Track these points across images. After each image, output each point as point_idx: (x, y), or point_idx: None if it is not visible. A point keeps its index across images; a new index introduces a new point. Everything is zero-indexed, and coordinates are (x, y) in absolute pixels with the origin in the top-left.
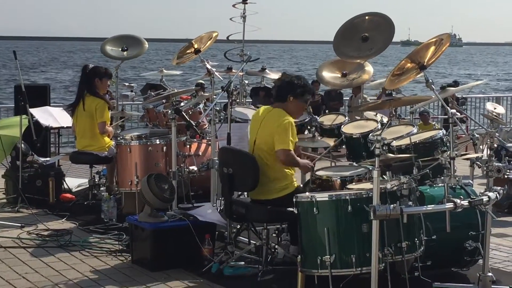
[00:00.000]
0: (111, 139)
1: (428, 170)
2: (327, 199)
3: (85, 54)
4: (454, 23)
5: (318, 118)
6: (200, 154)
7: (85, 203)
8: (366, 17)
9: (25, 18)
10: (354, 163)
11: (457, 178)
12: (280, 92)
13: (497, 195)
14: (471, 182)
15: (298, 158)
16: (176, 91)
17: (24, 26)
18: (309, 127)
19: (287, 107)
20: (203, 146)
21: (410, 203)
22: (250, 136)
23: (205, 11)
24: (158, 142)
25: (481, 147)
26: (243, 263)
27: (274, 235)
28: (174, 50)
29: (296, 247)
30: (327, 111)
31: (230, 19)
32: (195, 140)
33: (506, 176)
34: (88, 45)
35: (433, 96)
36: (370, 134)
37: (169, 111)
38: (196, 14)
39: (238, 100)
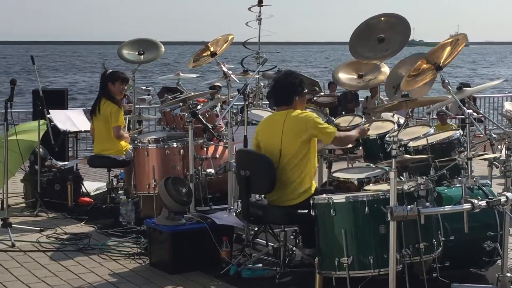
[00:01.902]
0: (129, 143)
1: (445, 171)
2: (344, 200)
3: (98, 58)
4: (460, 22)
5: (334, 119)
6: (217, 156)
7: (103, 206)
8: (382, 18)
9: (31, 22)
10: (371, 164)
11: (474, 179)
12: (285, 96)
13: None
14: (489, 182)
15: (345, 133)
16: (192, 94)
17: (29, 31)
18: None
19: (296, 106)
20: (220, 148)
21: (428, 204)
22: (269, 143)
23: (221, 14)
24: (175, 145)
25: (499, 147)
26: (261, 265)
27: (292, 237)
28: (191, 53)
29: (311, 249)
30: (343, 112)
31: (246, 23)
32: (212, 143)
33: None
34: (103, 49)
35: (450, 97)
36: (387, 135)
37: (186, 114)
38: (211, 17)
39: (254, 103)
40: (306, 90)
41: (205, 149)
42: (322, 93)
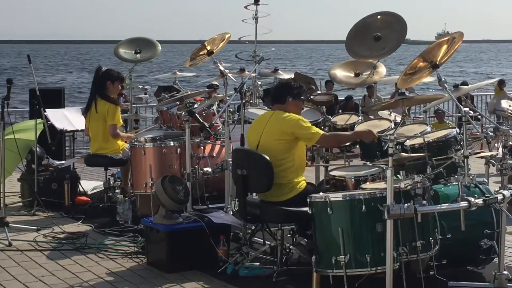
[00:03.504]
0: (126, 142)
1: (442, 169)
2: (341, 199)
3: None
4: (447, 20)
5: (331, 118)
6: (214, 155)
7: (100, 205)
8: (378, 17)
9: (26, 21)
10: (368, 163)
11: (471, 177)
12: (278, 94)
13: None
14: (486, 180)
15: (336, 133)
16: (189, 93)
17: (25, 30)
18: (322, 127)
19: (287, 108)
20: (217, 147)
21: (424, 202)
22: (252, 139)
23: (218, 13)
24: (172, 144)
25: (495, 145)
26: (258, 263)
27: (289, 235)
28: (188, 51)
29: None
30: (340, 111)
31: (242, 20)
32: (209, 141)
33: None
34: (100, 48)
35: (446, 95)
36: (384, 134)
37: (183, 113)
38: (208, 16)
39: (251, 101)
40: (304, 98)
41: (202, 148)
42: (319, 91)
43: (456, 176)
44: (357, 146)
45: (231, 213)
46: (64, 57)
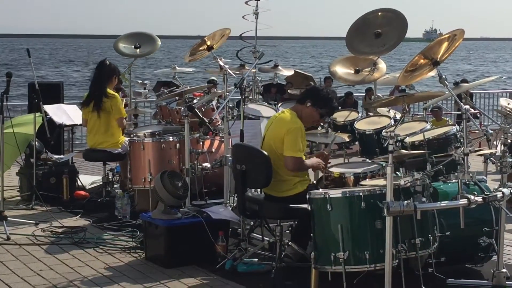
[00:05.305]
0: (123, 135)
1: (441, 166)
2: (340, 195)
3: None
4: (434, 18)
5: None
6: (213, 151)
7: (99, 200)
8: (379, 13)
9: (27, 16)
10: (367, 160)
11: (470, 174)
12: (303, 95)
13: (511, 191)
14: (485, 178)
15: (306, 162)
16: (188, 88)
17: (27, 24)
18: (322, 123)
19: (302, 111)
20: (216, 143)
21: (424, 199)
22: (263, 133)
23: (218, 8)
24: (171, 139)
25: (494, 143)
26: (256, 259)
27: (288, 231)
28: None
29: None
30: (340, 107)
31: (243, 17)
32: (208, 137)
33: None
34: (100, 42)
35: (447, 92)
36: (383, 131)
37: (182, 108)
38: (208, 11)
39: (251, 97)
40: (322, 111)
41: (201, 143)
42: None
43: (455, 174)
44: (357, 142)
45: (230, 208)
46: (63, 51)
